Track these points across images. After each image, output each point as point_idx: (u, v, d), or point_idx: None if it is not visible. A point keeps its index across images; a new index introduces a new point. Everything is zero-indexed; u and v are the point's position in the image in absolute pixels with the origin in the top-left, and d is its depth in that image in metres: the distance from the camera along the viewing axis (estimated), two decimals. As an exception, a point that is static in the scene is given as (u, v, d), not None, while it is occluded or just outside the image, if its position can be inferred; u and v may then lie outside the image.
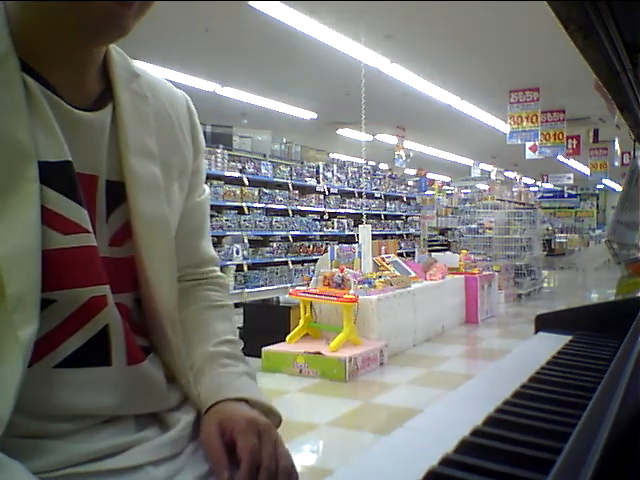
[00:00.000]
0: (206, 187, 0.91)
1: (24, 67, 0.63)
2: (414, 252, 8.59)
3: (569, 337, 0.90)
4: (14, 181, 0.59)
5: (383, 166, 14.04)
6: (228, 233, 7.75)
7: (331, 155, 13.09)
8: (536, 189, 20.60)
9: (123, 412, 0.70)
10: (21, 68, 0.62)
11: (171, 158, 0.79)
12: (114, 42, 0.69)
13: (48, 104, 0.64)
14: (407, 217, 12.86)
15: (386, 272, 5.69)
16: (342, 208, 10.36)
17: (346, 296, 4.55)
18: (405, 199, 12.74)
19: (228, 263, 7.51)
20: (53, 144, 0.64)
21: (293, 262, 9.01)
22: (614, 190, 22.92)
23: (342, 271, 4.90)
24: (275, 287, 8.32)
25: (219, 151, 7.80)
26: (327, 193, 9.93)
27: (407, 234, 12.63)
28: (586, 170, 15.46)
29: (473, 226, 10.11)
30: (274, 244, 8.74)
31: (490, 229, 9.64)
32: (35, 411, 0.63)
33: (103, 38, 0.66)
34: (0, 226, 0.58)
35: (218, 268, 0.95)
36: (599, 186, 24.93)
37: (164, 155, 0.77)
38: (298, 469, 0.73)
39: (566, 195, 24.32)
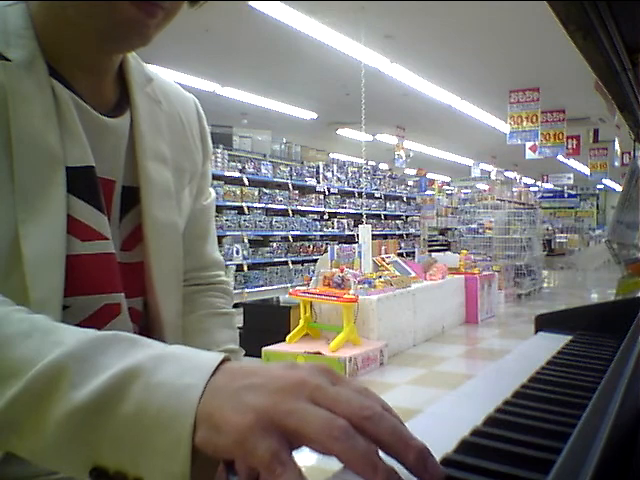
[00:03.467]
0: (212, 191, 0.91)
1: (51, 72, 0.63)
2: (414, 252, 8.59)
3: (569, 337, 0.90)
4: (44, 185, 0.60)
5: (383, 166, 14.04)
6: (228, 233, 7.75)
7: (331, 155, 13.10)
8: (536, 189, 20.60)
9: None
10: (49, 73, 0.62)
11: (183, 163, 0.79)
12: (135, 50, 0.69)
13: (76, 110, 0.64)
14: (407, 217, 12.86)
15: (386, 272, 5.70)
16: (342, 208, 10.36)
17: (346, 296, 4.55)
18: (405, 199, 12.74)
19: (228, 263, 7.50)
20: (78, 149, 0.64)
21: (293, 262, 9.01)
22: (614, 190, 22.92)
23: (342, 271, 4.90)
24: (275, 287, 8.32)
25: (219, 151, 7.80)
26: (327, 193, 9.94)
27: (407, 234, 12.63)
28: (586, 170, 15.46)
29: (473, 226, 10.12)
30: (274, 244, 8.75)
31: (490, 229, 9.64)
32: None
33: (125, 45, 0.66)
34: (28, 227, 0.57)
35: (223, 272, 0.94)
36: (599, 186, 24.94)
37: (177, 160, 0.78)
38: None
39: (566, 195, 24.33)
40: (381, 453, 0.36)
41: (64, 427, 0.38)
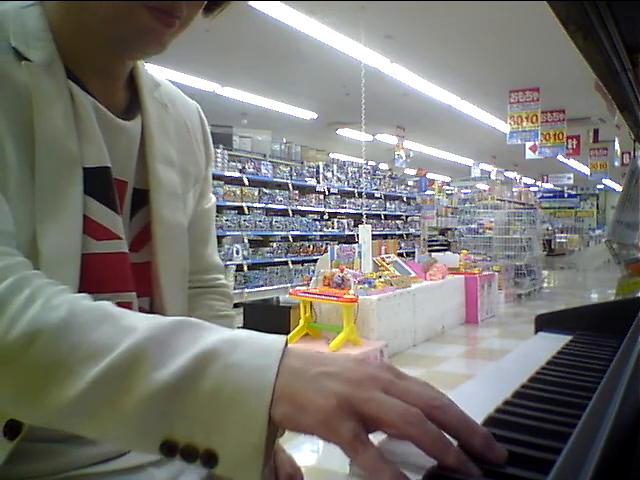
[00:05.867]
0: (212, 195, 0.93)
1: (67, 74, 0.63)
2: (414, 252, 8.58)
3: (569, 337, 0.90)
4: (62, 185, 0.61)
5: (383, 166, 14.04)
6: (228, 233, 7.75)
7: (331, 155, 13.09)
8: (536, 189, 20.61)
9: None
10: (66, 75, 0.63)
11: (188, 166, 0.81)
12: (149, 57, 0.70)
13: (94, 111, 0.65)
14: (407, 217, 12.86)
15: (386, 272, 5.69)
16: (342, 208, 10.36)
17: (346, 296, 4.55)
18: (405, 199, 12.73)
19: (228, 263, 7.50)
20: (95, 150, 0.65)
21: (293, 262, 9.00)
22: (614, 190, 22.91)
23: (342, 271, 4.89)
24: (275, 287, 8.32)
25: (219, 151, 7.79)
26: (327, 193, 9.93)
27: (407, 234, 12.62)
28: (586, 170, 15.46)
29: (473, 226, 10.12)
30: (274, 244, 8.74)
31: (490, 229, 9.64)
32: None
33: (141, 53, 0.67)
34: (46, 226, 0.58)
35: (223, 276, 0.96)
36: (599, 186, 24.93)
37: (183, 163, 0.79)
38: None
39: (566, 195, 24.34)
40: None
41: (145, 405, 0.41)
